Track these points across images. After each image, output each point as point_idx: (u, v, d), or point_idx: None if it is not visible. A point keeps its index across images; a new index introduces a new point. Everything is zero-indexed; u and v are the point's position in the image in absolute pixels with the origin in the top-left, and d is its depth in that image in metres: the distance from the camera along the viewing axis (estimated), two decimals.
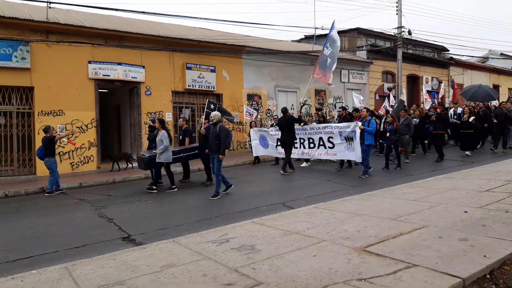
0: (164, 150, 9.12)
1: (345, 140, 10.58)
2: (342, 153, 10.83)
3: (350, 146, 10.42)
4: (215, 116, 8.49)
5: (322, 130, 11.39)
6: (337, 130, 10.86)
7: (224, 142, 8.21)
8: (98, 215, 7.26)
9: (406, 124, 11.60)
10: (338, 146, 10.89)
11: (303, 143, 12.00)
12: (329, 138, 11.14)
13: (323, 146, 11.36)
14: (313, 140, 11.68)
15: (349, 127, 10.49)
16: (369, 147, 10.21)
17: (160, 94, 15.04)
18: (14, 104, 12.58)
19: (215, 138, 8.28)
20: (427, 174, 9.67)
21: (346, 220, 5.39)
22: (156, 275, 3.79)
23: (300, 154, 12.19)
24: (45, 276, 3.98)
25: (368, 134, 9.93)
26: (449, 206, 5.77)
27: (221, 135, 8.21)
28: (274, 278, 3.52)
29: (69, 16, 14.66)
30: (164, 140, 9.09)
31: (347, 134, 10.48)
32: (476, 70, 29.60)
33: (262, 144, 13.47)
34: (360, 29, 23.13)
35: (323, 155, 11.48)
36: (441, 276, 3.35)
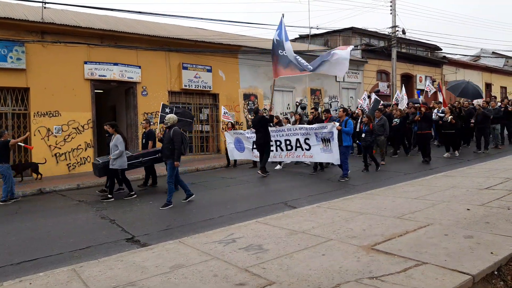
0: (119, 155, 8.56)
1: (321, 141, 10.17)
2: (318, 155, 10.40)
3: (327, 148, 10.01)
4: (170, 119, 7.98)
5: (298, 131, 10.91)
6: (313, 131, 10.41)
7: (179, 147, 7.72)
8: (100, 216, 7.23)
9: (381, 124, 11.33)
10: (314, 148, 10.47)
11: (280, 145, 11.49)
12: (306, 139, 10.69)
13: (300, 148, 10.89)
14: (290, 141, 11.18)
15: (325, 128, 10.04)
16: (348, 148, 9.83)
17: (157, 94, 14.99)
18: (10, 105, 12.47)
19: (169, 143, 7.77)
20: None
21: (350, 219, 5.43)
22: (166, 275, 3.79)
23: (277, 157, 11.66)
24: (54, 279, 3.96)
25: (346, 135, 9.57)
26: (452, 204, 5.83)
27: (175, 139, 7.70)
28: (286, 278, 3.53)
29: (64, 16, 14.54)
30: (119, 145, 8.54)
31: (323, 135, 10.07)
32: (469, 69, 29.87)
33: (237, 147, 12.97)
34: (355, 29, 23.23)
35: (301, 157, 11.08)
36: (451, 273, 3.39)
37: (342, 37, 23.60)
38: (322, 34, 23.98)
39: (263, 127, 10.81)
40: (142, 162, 9.43)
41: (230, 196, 8.68)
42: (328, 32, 23.63)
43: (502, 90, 32.48)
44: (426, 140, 11.54)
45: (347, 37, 23.50)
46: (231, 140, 13.11)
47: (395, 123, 12.86)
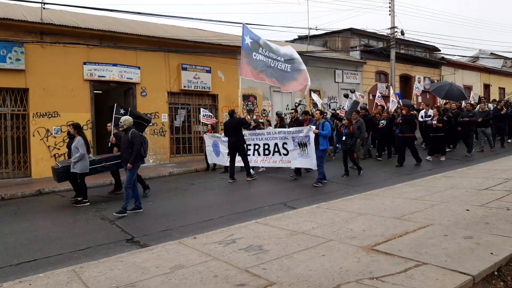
0: (80, 158, 8.13)
1: (298, 146, 9.77)
2: (296, 160, 9.97)
3: (304, 152, 9.58)
4: (125, 121, 7.51)
5: (277, 135, 10.47)
6: (290, 136, 9.99)
7: (138, 150, 7.26)
8: (99, 217, 7.22)
9: (358, 126, 10.97)
10: (291, 152, 10.06)
11: (258, 149, 11.03)
12: (284, 144, 10.26)
13: (278, 153, 10.46)
14: (269, 146, 10.72)
15: (301, 132, 9.62)
16: (324, 152, 9.47)
17: (156, 95, 14.99)
18: (9, 106, 12.45)
19: (128, 147, 7.29)
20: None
21: (350, 219, 5.43)
22: (167, 276, 3.79)
23: (253, 162, 11.07)
24: (54, 280, 3.96)
25: (323, 138, 9.19)
26: (451, 205, 5.84)
27: (134, 142, 7.26)
28: (286, 278, 3.54)
29: (63, 17, 14.54)
30: (80, 147, 8.12)
31: (300, 140, 9.64)
32: (467, 69, 29.93)
33: (214, 151, 12.62)
34: (354, 30, 23.27)
35: (278, 163, 10.55)
36: (451, 273, 3.40)
37: (341, 38, 23.64)
38: (321, 35, 24.01)
39: (238, 130, 10.35)
40: (105, 166, 8.82)
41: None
42: (327, 33, 23.66)
43: (500, 91, 32.55)
44: (408, 144, 11.14)
45: (346, 38, 23.54)
46: (209, 143, 12.81)
47: (382, 125, 12.53)
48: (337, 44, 23.81)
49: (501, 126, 14.04)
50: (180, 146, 15.92)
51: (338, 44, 23.79)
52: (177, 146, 15.87)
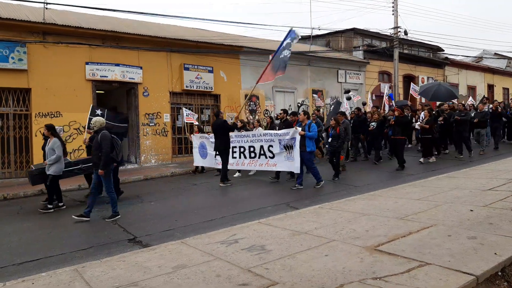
0: (56, 160, 7.80)
1: (284, 149, 9.45)
2: (282, 163, 9.62)
3: (290, 155, 9.28)
4: (96, 122, 7.18)
5: (263, 138, 10.15)
6: (277, 138, 9.65)
7: (107, 153, 6.89)
8: (102, 217, 7.21)
9: (343, 128, 10.51)
10: (278, 156, 9.70)
11: (244, 152, 10.68)
12: (269, 146, 9.91)
13: (264, 156, 10.08)
14: (254, 148, 10.38)
15: (288, 134, 9.28)
16: (312, 154, 9.11)
17: (158, 95, 14.99)
18: (11, 106, 12.47)
19: (97, 149, 6.97)
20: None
21: (353, 219, 5.41)
22: (169, 276, 3.78)
23: (239, 165, 10.82)
24: (56, 279, 3.96)
25: (309, 140, 8.83)
26: (455, 205, 5.81)
27: (103, 144, 6.91)
28: (289, 278, 3.52)
29: (66, 17, 14.55)
30: (57, 149, 7.80)
31: (286, 142, 9.34)
32: (471, 70, 29.84)
33: (201, 153, 12.20)
34: (357, 29, 23.21)
35: (264, 166, 10.15)
36: (454, 273, 3.37)
37: (344, 37, 23.60)
38: (324, 35, 23.96)
39: (223, 132, 9.99)
40: (82, 169, 8.52)
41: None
42: (330, 33, 23.61)
43: (504, 91, 32.44)
44: (399, 146, 10.86)
45: (348, 38, 23.49)
46: (196, 144, 12.41)
47: (372, 127, 12.21)
48: (340, 44, 23.77)
49: (497, 126, 13.77)
50: (182, 146, 15.92)
51: (341, 44, 23.75)
52: (179, 146, 15.87)
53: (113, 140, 7.17)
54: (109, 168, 7.04)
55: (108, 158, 6.95)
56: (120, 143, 7.27)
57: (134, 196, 9.13)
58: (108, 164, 7.00)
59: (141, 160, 14.53)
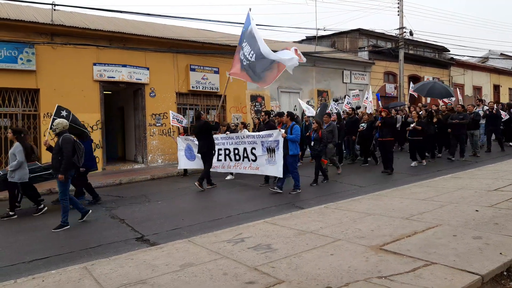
0: (17, 167, 7.41)
1: (266, 151, 9.13)
2: (263, 167, 9.30)
3: (272, 158, 8.97)
4: (59, 124, 6.80)
5: (246, 140, 9.83)
6: (260, 140, 9.33)
7: (68, 157, 6.49)
8: (110, 216, 7.30)
9: (329, 130, 10.36)
10: (260, 158, 9.37)
11: (229, 154, 10.42)
12: (252, 149, 9.60)
13: (247, 159, 9.79)
14: (238, 151, 10.09)
15: (271, 136, 8.97)
16: (295, 158, 8.65)
17: (165, 96, 15.10)
18: (20, 106, 12.62)
19: (58, 153, 6.60)
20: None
21: (358, 219, 5.44)
22: (177, 274, 3.84)
23: (226, 168, 10.58)
24: (66, 276, 4.03)
25: (292, 142, 8.43)
26: (460, 205, 5.83)
27: (64, 148, 6.53)
28: (295, 276, 3.57)
29: (73, 18, 14.71)
30: (18, 154, 7.42)
31: (269, 144, 9.02)
32: (477, 70, 29.71)
33: (187, 155, 11.75)
34: (362, 30, 23.22)
35: (247, 169, 9.84)
36: (459, 273, 3.40)
37: (349, 38, 23.61)
38: (329, 35, 24.01)
39: (206, 134, 9.61)
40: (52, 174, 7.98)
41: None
42: (335, 34, 23.64)
43: (510, 91, 32.26)
44: (387, 149, 10.50)
45: (354, 39, 23.51)
46: (182, 146, 11.95)
47: (362, 128, 11.93)
48: (345, 44, 23.77)
49: (494, 129, 13.36)
50: None
51: (346, 44, 23.75)
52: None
53: (76, 144, 6.75)
54: (69, 173, 6.65)
55: (69, 163, 6.55)
56: (83, 147, 6.94)
57: (141, 195, 9.21)
58: (69, 169, 6.60)
59: (148, 160, 14.64)
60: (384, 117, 10.43)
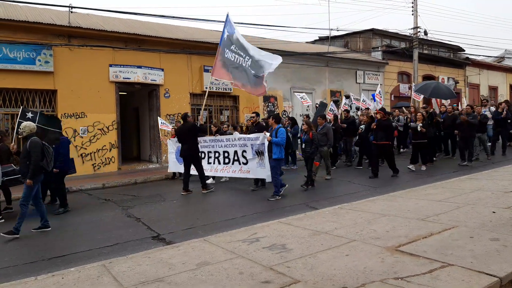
0: None
1: (256, 154, 8.98)
2: (254, 170, 9.11)
3: (262, 162, 8.82)
4: (25, 127, 6.51)
5: (237, 142, 9.57)
6: (250, 143, 9.16)
7: (36, 162, 6.23)
8: (126, 215, 7.41)
9: (323, 133, 9.88)
10: (251, 162, 9.17)
11: (218, 157, 10.11)
12: (243, 152, 9.35)
13: (238, 162, 9.54)
14: (228, 154, 9.83)
15: (258, 139, 8.84)
16: (279, 162, 8.34)
17: (179, 97, 15.23)
18: (38, 107, 12.84)
19: (26, 157, 6.34)
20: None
21: (373, 220, 5.43)
22: (193, 272, 3.89)
23: (213, 171, 10.20)
24: (85, 274, 4.11)
25: (276, 146, 8.13)
26: (477, 207, 5.77)
27: (32, 152, 6.26)
28: (311, 277, 3.59)
29: (90, 20, 14.94)
30: None
31: (257, 148, 8.87)
32: (493, 70, 29.26)
33: (178, 158, 11.08)
34: (375, 30, 23.06)
35: (237, 173, 9.63)
36: (477, 275, 3.38)
37: (363, 38, 23.47)
38: (342, 35, 23.90)
39: (192, 137, 9.27)
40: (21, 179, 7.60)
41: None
42: (348, 34, 23.53)
43: None
44: (384, 152, 10.11)
45: (367, 39, 23.36)
46: (173, 149, 11.54)
47: (361, 130, 11.55)
48: (358, 44, 23.64)
49: (501, 131, 12.70)
50: None
51: (359, 44, 23.62)
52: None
53: (44, 148, 6.47)
54: (38, 178, 6.40)
55: (37, 168, 6.30)
56: (52, 150, 6.64)
57: (156, 194, 9.32)
58: (37, 174, 6.36)
59: (162, 160, 14.78)
60: (379, 120, 10.06)
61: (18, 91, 12.41)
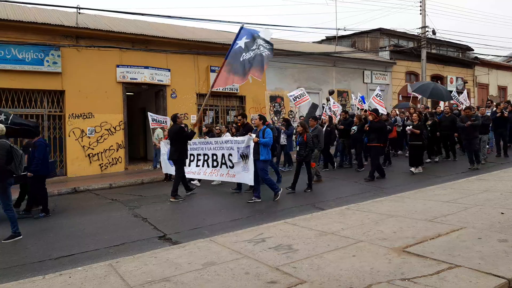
0: None
1: (241, 158, 8.65)
2: (239, 174, 8.78)
3: (246, 165, 8.48)
4: None
5: (224, 145, 9.29)
6: (236, 145, 8.84)
7: (1, 165, 6.02)
8: (133, 215, 7.45)
9: (315, 135, 9.64)
10: (236, 165, 8.87)
11: (207, 160, 9.81)
12: (229, 155, 9.06)
13: (225, 165, 9.23)
14: (217, 156, 9.51)
15: (243, 142, 8.51)
16: (266, 163, 8.14)
17: (185, 97, 15.28)
18: (46, 107, 12.97)
19: None
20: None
21: (380, 221, 5.40)
22: (199, 272, 3.89)
23: (202, 174, 9.94)
24: (92, 273, 4.13)
25: (264, 147, 7.93)
26: (485, 208, 5.71)
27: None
28: (317, 277, 3.57)
29: (97, 21, 15.04)
30: None
31: (243, 151, 8.54)
32: (502, 69, 28.98)
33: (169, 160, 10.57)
34: (383, 30, 22.94)
35: (225, 176, 9.27)
36: (485, 276, 3.35)
37: (370, 38, 23.36)
38: (350, 35, 23.81)
39: (179, 140, 8.95)
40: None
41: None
42: (356, 33, 23.44)
43: None
44: (374, 154, 9.92)
45: (374, 38, 23.25)
46: (164, 151, 11.07)
47: (353, 131, 11.37)
48: (365, 44, 23.54)
49: (502, 132, 12.30)
50: None
51: (366, 44, 23.52)
52: None
53: (13, 150, 6.18)
54: (5, 182, 6.16)
55: (4, 170, 6.06)
56: (21, 153, 6.36)
57: (162, 195, 9.34)
58: (4, 178, 6.11)
59: None
60: (371, 121, 9.94)
61: (27, 91, 12.54)
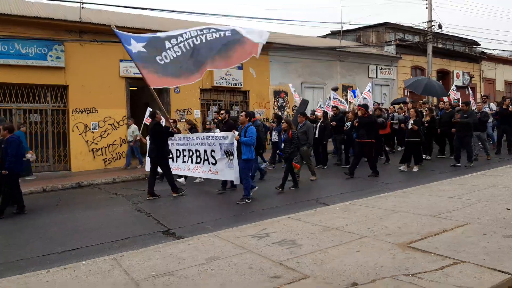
0: None
1: (225, 155, 8.43)
2: (223, 171, 8.53)
3: (231, 163, 8.26)
4: None
5: (205, 141, 9.04)
6: (218, 142, 8.60)
7: None
8: (136, 209, 7.47)
9: (303, 131, 9.43)
10: (219, 162, 8.62)
11: (191, 156, 9.61)
12: (212, 151, 8.86)
13: (207, 162, 9.03)
14: (199, 153, 9.31)
15: (226, 138, 8.30)
16: (248, 163, 7.75)
17: (189, 92, 15.24)
18: (49, 102, 13.00)
19: None
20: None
21: (385, 216, 5.37)
22: (203, 266, 3.90)
23: (185, 171, 9.76)
24: (96, 267, 4.15)
25: (246, 146, 7.64)
26: (490, 204, 5.67)
27: None
28: (320, 272, 3.56)
29: (101, 16, 15.00)
30: None
31: (226, 147, 8.34)
32: (509, 64, 28.68)
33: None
34: (388, 24, 22.74)
35: (207, 173, 9.07)
36: (490, 272, 3.32)
37: (375, 32, 23.19)
38: (355, 29, 23.62)
39: (158, 136, 8.52)
40: None
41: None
42: (361, 28, 23.26)
43: None
44: (367, 151, 9.74)
45: (380, 32, 23.06)
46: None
47: (346, 127, 11.25)
48: (371, 38, 23.37)
49: (506, 128, 11.90)
50: None
51: (372, 38, 23.34)
52: None
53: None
54: None
55: None
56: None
57: (165, 189, 9.30)
58: None
59: None
60: (360, 117, 9.72)
61: (30, 86, 12.56)
